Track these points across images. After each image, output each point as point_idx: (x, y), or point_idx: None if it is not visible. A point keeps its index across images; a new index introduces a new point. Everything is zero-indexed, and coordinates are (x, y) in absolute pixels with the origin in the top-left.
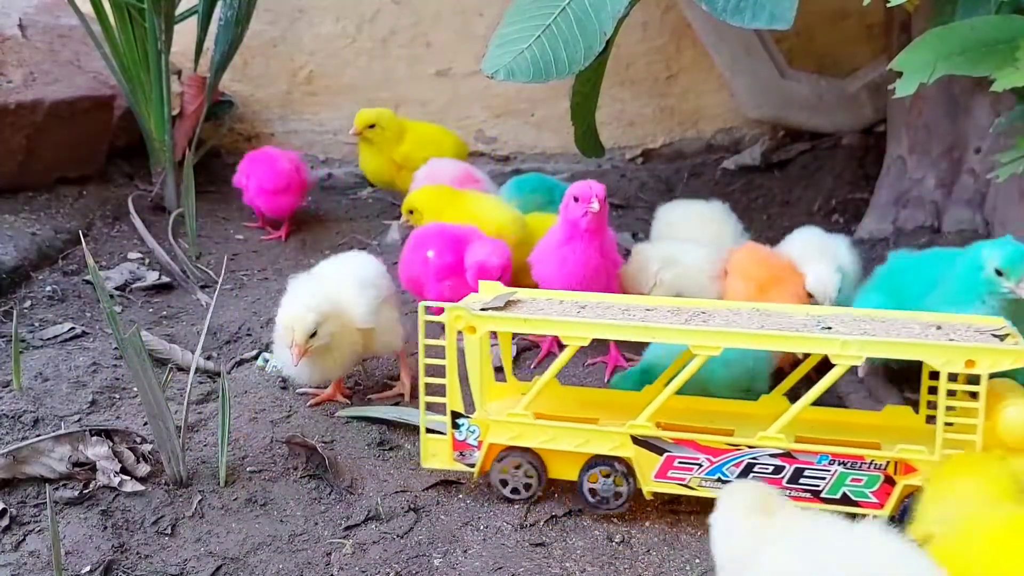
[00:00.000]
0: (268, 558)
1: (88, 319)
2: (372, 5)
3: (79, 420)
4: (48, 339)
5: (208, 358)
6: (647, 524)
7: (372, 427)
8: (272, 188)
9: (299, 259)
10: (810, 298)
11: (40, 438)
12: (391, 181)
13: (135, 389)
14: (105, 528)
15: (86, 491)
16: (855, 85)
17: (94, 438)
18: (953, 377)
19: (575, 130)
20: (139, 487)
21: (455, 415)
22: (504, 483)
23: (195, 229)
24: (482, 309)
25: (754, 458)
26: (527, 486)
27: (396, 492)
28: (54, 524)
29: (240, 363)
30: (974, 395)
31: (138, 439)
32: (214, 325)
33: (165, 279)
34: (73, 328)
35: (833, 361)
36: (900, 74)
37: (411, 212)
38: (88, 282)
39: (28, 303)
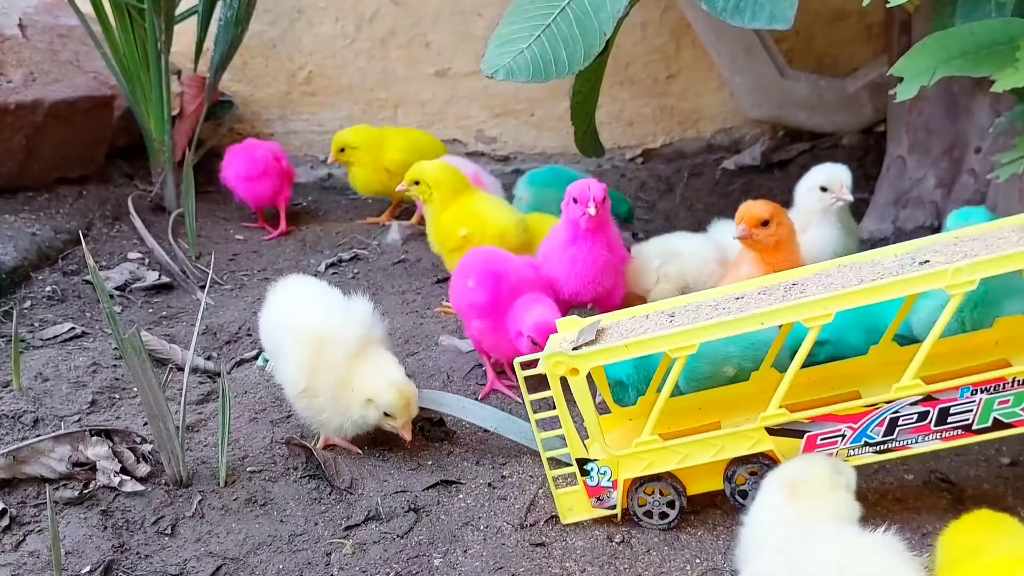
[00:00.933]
0: (268, 558)
1: (88, 319)
2: (371, 5)
3: (79, 420)
4: (48, 339)
5: (208, 358)
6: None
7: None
8: (247, 175)
9: (299, 259)
10: (824, 191)
11: (40, 438)
12: (383, 190)
13: (135, 389)
14: (105, 528)
15: (86, 491)
16: (855, 85)
17: (94, 438)
18: None
19: (575, 130)
20: (139, 487)
21: (581, 462)
22: (649, 514)
23: (195, 229)
24: (575, 348)
25: (895, 411)
26: (670, 503)
27: (396, 492)
28: (54, 524)
29: (240, 363)
30: None
31: (138, 439)
32: (214, 325)
33: (165, 279)
34: (73, 328)
35: (949, 292)
36: (901, 79)
37: (416, 183)
38: (88, 282)
39: (28, 303)
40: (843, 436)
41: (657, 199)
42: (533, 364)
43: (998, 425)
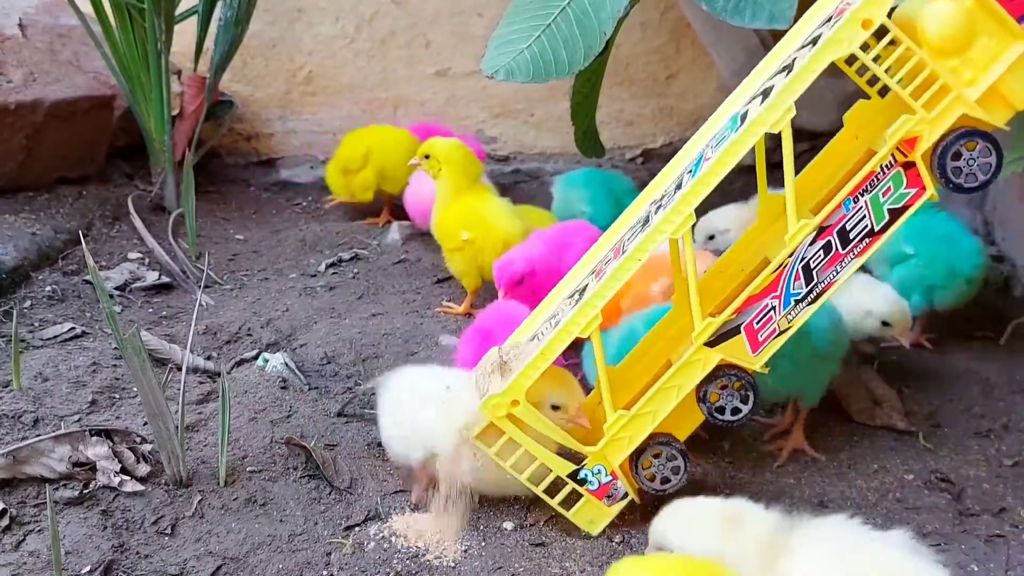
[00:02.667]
0: (268, 558)
1: (88, 319)
2: (371, 5)
3: (79, 420)
4: (48, 339)
5: (208, 358)
6: (647, 524)
7: (372, 427)
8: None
9: (299, 259)
10: (885, 326)
11: (40, 438)
12: (349, 191)
13: (135, 389)
14: (105, 528)
15: (86, 491)
16: (854, 86)
17: (94, 438)
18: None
19: (575, 130)
20: (139, 487)
21: (573, 475)
22: (666, 480)
23: (195, 229)
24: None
25: (802, 259)
26: (671, 457)
27: (396, 492)
28: (54, 524)
29: (240, 363)
30: (892, 42)
31: (138, 439)
32: (214, 325)
33: (165, 279)
34: (73, 328)
35: (777, 129)
36: None
37: (426, 157)
38: (88, 282)
39: (28, 303)
40: (773, 309)
41: None
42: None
43: (896, 214)
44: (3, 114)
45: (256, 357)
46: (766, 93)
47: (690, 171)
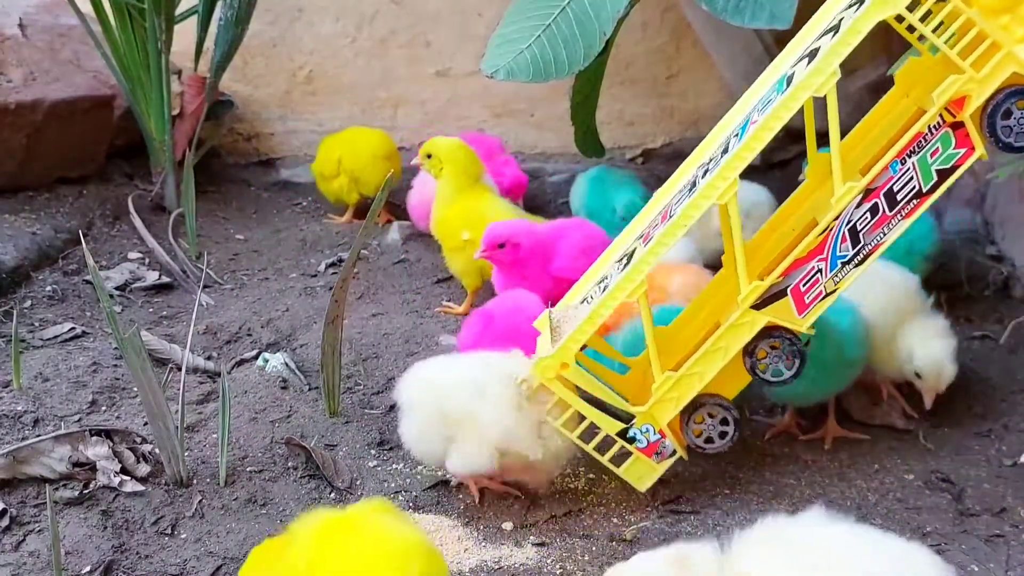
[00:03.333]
0: None
1: (88, 319)
2: (371, 5)
3: (79, 420)
4: (48, 339)
5: (208, 358)
6: (647, 524)
7: (372, 427)
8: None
9: (299, 259)
10: (917, 377)
11: (40, 438)
12: (334, 193)
13: (135, 389)
14: (105, 528)
15: (86, 491)
16: (855, 85)
17: (94, 438)
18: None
19: (575, 131)
20: (139, 487)
21: (622, 434)
22: (710, 440)
23: (195, 229)
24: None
25: (848, 221)
26: (723, 421)
27: (396, 492)
28: (54, 524)
29: (240, 363)
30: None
31: (138, 439)
32: (214, 325)
33: (165, 279)
34: (73, 328)
35: (822, 93)
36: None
37: (428, 156)
38: (88, 282)
39: (28, 303)
40: (819, 271)
41: None
42: None
43: (943, 175)
44: (3, 114)
45: (256, 357)
46: (812, 55)
47: (736, 135)
